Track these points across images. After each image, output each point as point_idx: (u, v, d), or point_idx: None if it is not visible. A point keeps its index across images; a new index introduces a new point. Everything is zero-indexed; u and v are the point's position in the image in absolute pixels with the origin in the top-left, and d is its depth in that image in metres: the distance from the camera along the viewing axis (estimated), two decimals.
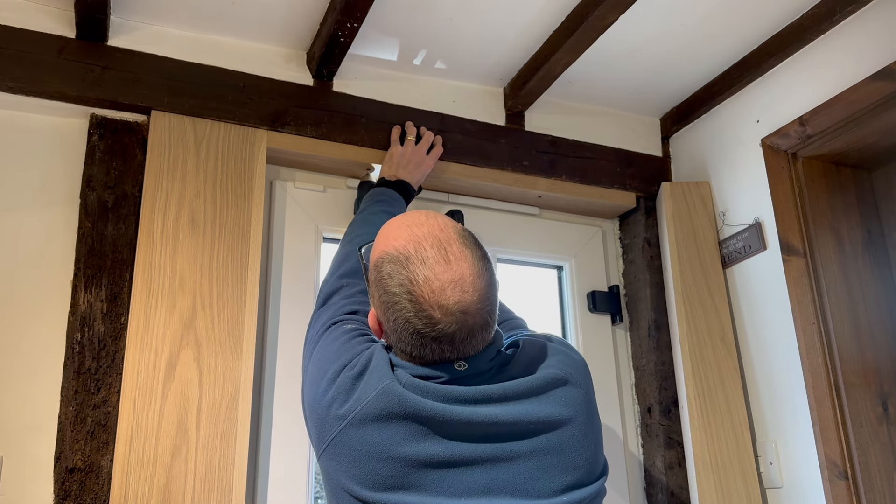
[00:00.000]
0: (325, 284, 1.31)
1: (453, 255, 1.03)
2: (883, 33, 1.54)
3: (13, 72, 1.43)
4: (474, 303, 1.02)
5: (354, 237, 1.40)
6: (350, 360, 1.07)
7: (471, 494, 0.96)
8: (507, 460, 0.99)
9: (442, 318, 1.00)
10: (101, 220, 1.44)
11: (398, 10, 1.60)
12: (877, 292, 1.71)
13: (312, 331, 1.22)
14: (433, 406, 0.99)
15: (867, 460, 1.56)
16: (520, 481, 0.98)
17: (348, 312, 1.21)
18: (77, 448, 1.31)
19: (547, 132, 1.92)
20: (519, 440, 1.00)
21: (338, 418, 1.02)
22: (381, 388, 1.01)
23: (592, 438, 1.05)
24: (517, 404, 1.02)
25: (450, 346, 1.02)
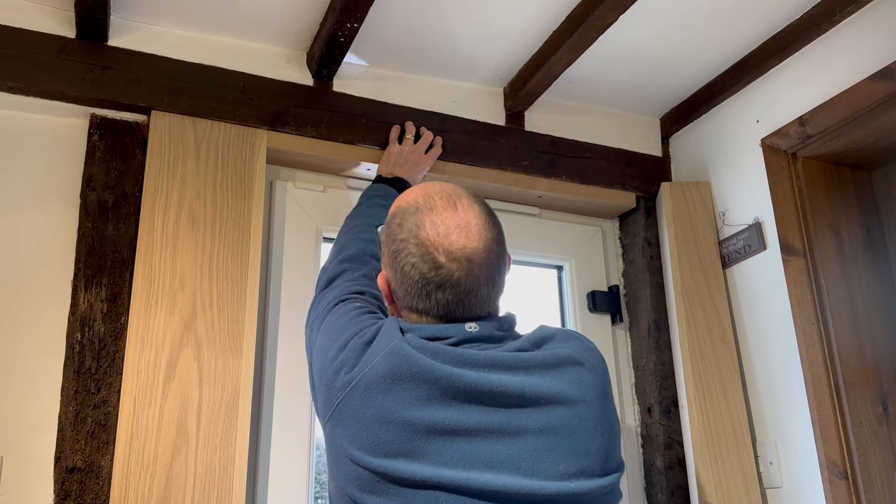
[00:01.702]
0: (325, 271, 1.32)
1: (461, 206, 1.07)
2: (883, 33, 1.54)
3: (13, 72, 1.43)
4: (479, 252, 1.03)
5: (352, 228, 1.43)
6: (361, 329, 1.08)
7: (473, 466, 0.93)
8: (514, 434, 0.96)
9: (446, 262, 1.01)
10: (101, 220, 1.44)
11: (398, 9, 1.60)
12: (877, 292, 1.71)
13: (318, 309, 1.22)
14: (441, 367, 0.97)
15: (867, 460, 1.56)
16: (525, 459, 0.94)
17: (354, 292, 1.22)
18: (77, 448, 1.31)
19: (547, 132, 1.92)
20: (527, 412, 0.97)
21: (345, 384, 1.02)
22: (389, 348, 1.00)
23: (607, 427, 1.00)
24: (527, 376, 0.99)
25: (454, 296, 1.02)
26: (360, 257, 1.32)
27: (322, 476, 1.70)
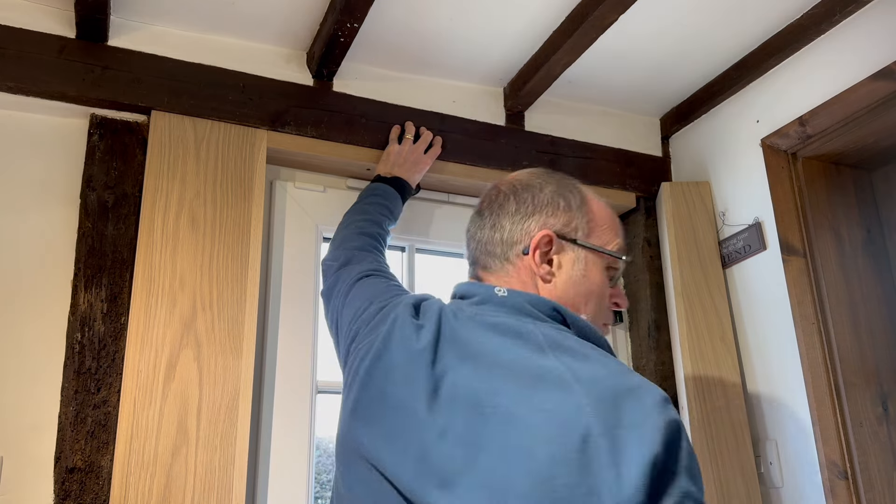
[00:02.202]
0: (334, 260, 1.37)
1: (538, 168, 1.14)
2: (883, 33, 1.54)
3: (13, 72, 1.43)
4: (509, 181, 1.09)
5: (350, 223, 1.47)
6: (393, 295, 1.14)
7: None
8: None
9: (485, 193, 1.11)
10: (101, 220, 1.44)
11: (398, 9, 1.60)
12: (877, 292, 1.71)
13: (339, 287, 1.27)
14: (455, 324, 0.96)
15: (867, 460, 1.56)
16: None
17: (374, 269, 1.28)
18: (77, 448, 1.31)
19: (547, 132, 1.92)
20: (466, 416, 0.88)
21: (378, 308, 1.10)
22: (426, 299, 1.05)
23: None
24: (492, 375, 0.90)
25: (471, 224, 1.09)
26: (364, 248, 1.39)
27: (322, 476, 1.70)
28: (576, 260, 1.03)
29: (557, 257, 1.03)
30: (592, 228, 1.05)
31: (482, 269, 1.08)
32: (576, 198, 1.07)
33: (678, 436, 0.78)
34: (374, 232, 1.46)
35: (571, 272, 1.02)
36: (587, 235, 1.05)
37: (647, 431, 0.76)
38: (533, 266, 1.02)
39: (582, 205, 1.07)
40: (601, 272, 1.04)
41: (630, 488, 0.73)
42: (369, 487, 0.91)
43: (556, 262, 1.02)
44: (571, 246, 1.03)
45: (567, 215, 1.05)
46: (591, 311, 1.03)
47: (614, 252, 1.06)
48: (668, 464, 0.76)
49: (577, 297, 1.02)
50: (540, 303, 0.97)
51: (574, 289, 1.02)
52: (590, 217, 1.06)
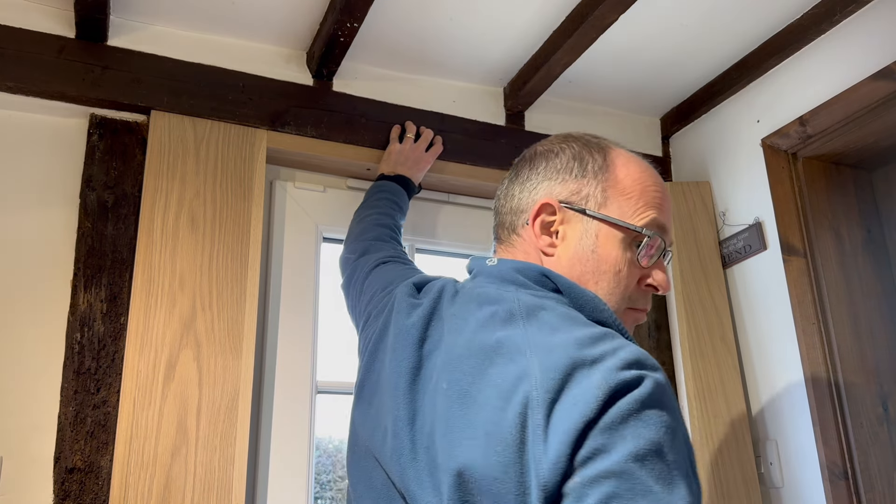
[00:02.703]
0: (351, 252, 1.37)
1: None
2: (883, 33, 1.54)
3: (13, 72, 1.43)
4: (542, 142, 1.02)
5: (363, 217, 1.47)
6: (411, 275, 1.13)
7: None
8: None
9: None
10: (100, 219, 1.44)
11: (398, 9, 1.60)
12: (877, 292, 1.71)
13: (357, 275, 1.26)
14: (450, 301, 0.93)
15: (867, 460, 1.55)
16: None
17: (392, 256, 1.28)
18: (77, 448, 1.31)
19: (547, 132, 1.91)
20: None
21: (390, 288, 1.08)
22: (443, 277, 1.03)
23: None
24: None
25: (501, 184, 1.04)
26: (381, 238, 1.39)
27: (322, 476, 1.69)
28: (584, 232, 0.92)
29: (563, 228, 0.92)
30: (610, 196, 0.93)
31: (496, 240, 1.02)
32: (596, 161, 0.95)
33: (621, 393, 0.67)
34: (389, 223, 1.46)
35: (578, 246, 0.91)
36: (601, 205, 0.92)
37: (584, 403, 0.66)
38: (534, 237, 0.94)
39: (602, 170, 0.94)
40: (621, 247, 0.91)
41: (548, 463, 0.65)
42: (364, 472, 0.90)
43: (562, 233, 0.92)
44: (580, 217, 0.92)
45: (578, 182, 0.94)
46: (605, 290, 0.90)
47: (633, 225, 0.91)
48: (596, 425, 0.66)
49: (585, 273, 0.90)
50: (527, 269, 0.90)
51: (581, 265, 0.91)
52: (610, 184, 0.93)
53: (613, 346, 0.73)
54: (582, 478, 0.64)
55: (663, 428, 0.67)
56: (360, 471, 0.91)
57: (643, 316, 0.97)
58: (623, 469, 0.63)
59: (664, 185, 0.98)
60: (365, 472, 0.89)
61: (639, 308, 0.96)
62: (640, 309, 0.96)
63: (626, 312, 0.94)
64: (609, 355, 0.71)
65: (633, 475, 0.63)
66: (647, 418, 0.66)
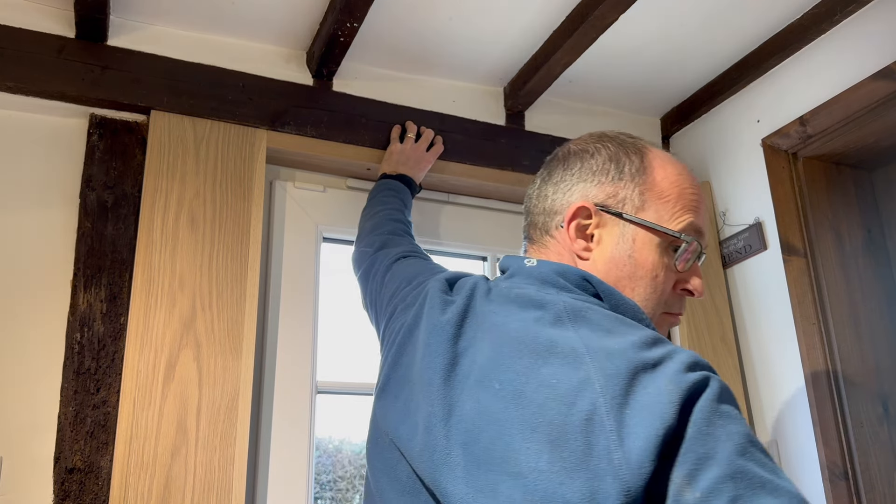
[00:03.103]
0: (368, 246, 1.36)
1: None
2: (883, 33, 1.53)
3: (13, 72, 1.43)
4: (575, 141, 1.02)
5: (375, 213, 1.47)
6: (434, 272, 1.11)
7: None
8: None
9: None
10: (100, 219, 1.44)
11: (398, 9, 1.60)
12: (877, 292, 1.71)
13: (376, 269, 1.25)
14: (484, 299, 0.91)
15: (867, 461, 1.55)
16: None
17: (412, 251, 1.27)
18: (77, 448, 1.31)
19: (547, 132, 1.91)
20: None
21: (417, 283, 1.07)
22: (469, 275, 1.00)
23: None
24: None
25: (532, 183, 1.04)
26: (396, 232, 1.39)
27: (322, 476, 1.69)
28: (621, 236, 0.91)
29: (599, 232, 0.92)
30: (647, 200, 0.92)
31: (528, 241, 1.01)
32: (633, 164, 0.94)
33: (695, 395, 0.68)
34: (402, 219, 1.46)
35: (615, 250, 0.91)
36: (638, 209, 0.91)
37: (659, 407, 0.67)
38: (568, 241, 0.93)
39: (640, 172, 0.93)
40: (658, 252, 0.90)
41: (630, 468, 0.65)
42: (387, 464, 0.89)
43: (597, 237, 0.92)
44: (616, 220, 0.91)
45: (615, 185, 0.93)
46: (641, 295, 0.90)
47: (671, 230, 0.90)
48: (679, 430, 0.66)
49: (622, 279, 0.90)
50: (568, 272, 0.88)
51: (617, 269, 0.90)
52: (647, 187, 0.92)
53: (669, 349, 0.74)
54: (701, 491, 0.64)
55: (740, 419, 0.69)
56: (382, 463, 0.90)
57: (678, 320, 0.97)
58: (735, 469, 0.65)
59: (699, 186, 0.97)
60: (388, 465, 0.88)
61: (674, 312, 0.95)
62: (675, 313, 0.96)
63: (661, 317, 0.94)
64: (668, 358, 0.72)
65: (745, 471, 0.65)
66: (728, 414, 0.68)
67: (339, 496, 1.74)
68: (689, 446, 0.66)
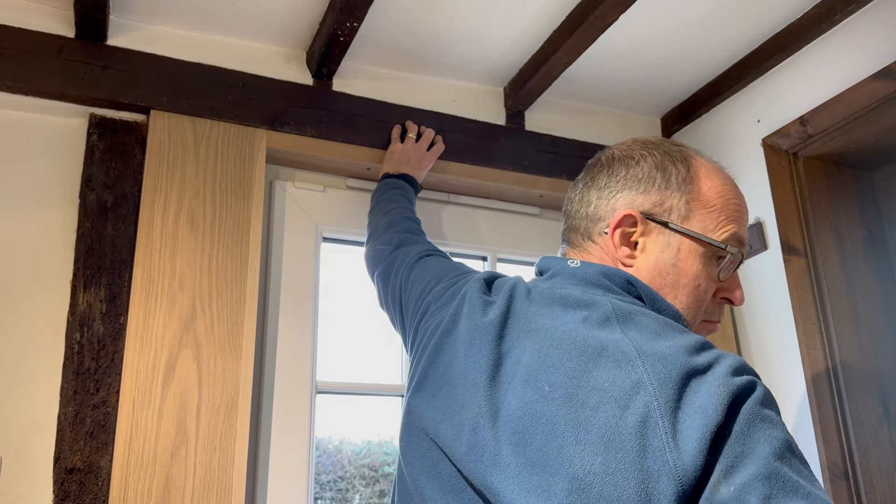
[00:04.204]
0: (386, 244, 1.34)
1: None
2: (884, 33, 1.53)
3: (12, 71, 1.43)
4: (617, 147, 1.02)
5: (387, 211, 1.46)
6: (463, 272, 1.10)
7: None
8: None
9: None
10: (100, 219, 1.44)
11: (398, 9, 1.59)
12: (878, 292, 1.71)
13: (399, 267, 1.23)
14: (526, 300, 0.91)
15: (868, 461, 1.55)
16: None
17: (433, 250, 1.26)
18: (76, 448, 1.31)
19: (547, 132, 1.91)
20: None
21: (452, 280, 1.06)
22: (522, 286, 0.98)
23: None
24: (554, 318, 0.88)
25: (573, 186, 1.04)
26: (412, 230, 1.39)
27: (322, 476, 1.69)
28: (666, 245, 0.92)
29: (643, 240, 0.92)
30: (693, 209, 0.93)
31: (567, 244, 1.01)
32: (679, 173, 0.95)
33: (742, 397, 0.71)
34: (415, 218, 1.46)
35: (659, 258, 0.91)
36: (684, 218, 0.92)
37: (711, 408, 0.70)
38: (612, 247, 0.93)
39: (686, 182, 0.94)
40: (702, 261, 0.92)
41: (685, 469, 0.68)
42: (427, 462, 0.88)
43: (641, 244, 0.92)
44: (662, 229, 0.92)
45: (662, 194, 0.93)
46: (683, 303, 0.91)
47: (716, 241, 0.92)
48: (725, 428, 0.70)
49: (665, 286, 0.91)
50: (614, 274, 0.89)
51: (661, 277, 0.91)
52: (693, 196, 0.93)
53: (717, 354, 0.77)
54: (735, 486, 0.67)
55: (782, 425, 0.72)
56: (421, 460, 0.90)
57: (716, 327, 0.98)
58: (770, 470, 0.67)
59: (742, 196, 0.99)
60: (429, 463, 0.88)
61: (713, 320, 0.97)
62: (715, 321, 0.97)
63: (701, 325, 0.96)
64: (717, 363, 0.75)
65: (780, 474, 0.67)
66: (770, 419, 0.71)
67: (339, 496, 1.74)
68: (731, 444, 0.69)
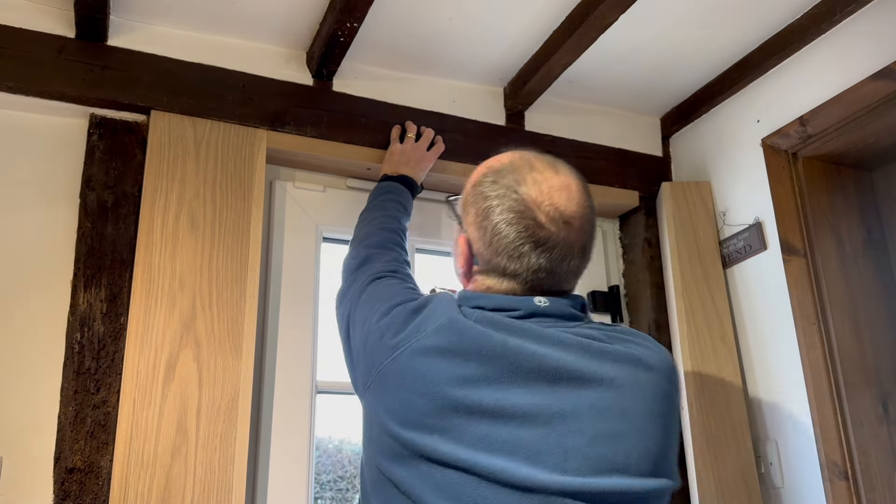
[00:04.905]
0: (354, 258, 1.32)
1: (561, 169, 1.04)
2: (883, 33, 1.53)
3: (13, 72, 1.43)
4: (577, 216, 1.00)
5: (372, 220, 1.43)
6: (405, 300, 1.06)
7: (512, 454, 0.88)
8: (558, 420, 0.90)
9: (546, 222, 0.98)
10: (100, 219, 1.44)
11: (398, 9, 1.60)
12: (877, 292, 1.71)
13: (353, 289, 1.21)
14: (501, 339, 0.93)
15: (867, 460, 1.55)
16: (564, 453, 0.88)
17: (389, 270, 1.22)
18: (77, 448, 1.31)
19: (547, 132, 1.91)
20: (580, 391, 0.91)
21: (390, 347, 0.99)
22: (443, 320, 0.97)
23: (664, 433, 0.94)
24: (590, 360, 0.94)
25: (547, 260, 0.99)
26: (384, 244, 1.33)
27: (322, 476, 1.69)
28: None
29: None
30: None
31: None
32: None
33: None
34: (395, 227, 1.44)
35: None
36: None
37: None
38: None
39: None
40: None
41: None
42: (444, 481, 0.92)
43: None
44: None
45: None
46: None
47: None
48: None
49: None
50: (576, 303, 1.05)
51: None
52: None
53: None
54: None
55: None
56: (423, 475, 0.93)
57: None
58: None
59: None
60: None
61: None
62: None
63: None
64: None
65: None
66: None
67: (339, 496, 1.74)
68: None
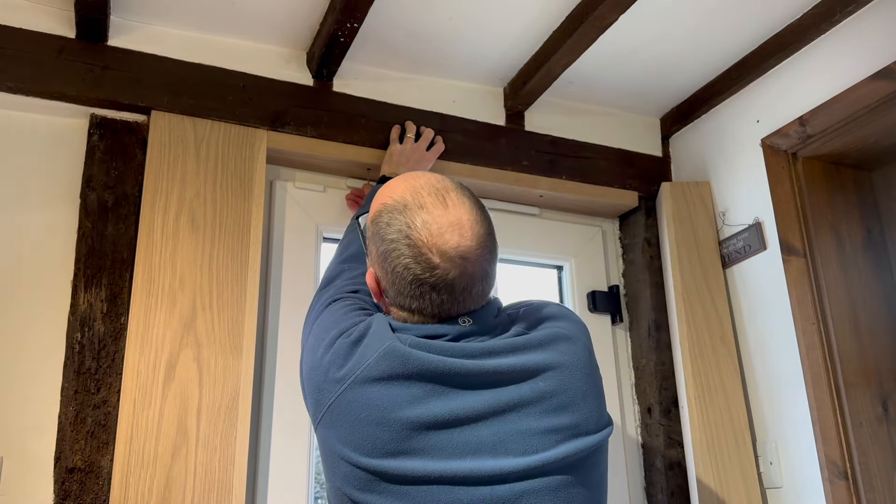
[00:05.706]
0: (328, 271, 1.31)
1: (451, 201, 1.04)
2: (883, 33, 1.54)
3: (13, 72, 1.43)
4: (473, 249, 1.01)
5: (353, 228, 1.41)
6: (348, 328, 1.06)
7: (463, 455, 0.94)
8: (510, 411, 0.97)
9: (441, 262, 0.99)
10: (101, 219, 1.44)
11: (398, 10, 1.60)
12: (877, 292, 1.71)
13: (314, 310, 1.21)
14: (441, 360, 0.97)
15: (867, 460, 1.56)
16: (512, 439, 0.95)
17: (350, 291, 1.21)
18: (77, 448, 1.31)
19: (547, 132, 1.91)
20: (521, 383, 0.99)
21: (336, 381, 1.00)
22: (383, 348, 0.98)
23: (595, 386, 1.05)
24: (521, 355, 1.01)
25: (449, 295, 1.01)
26: (359, 255, 1.31)
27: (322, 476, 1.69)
28: None
29: None
30: None
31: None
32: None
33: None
34: None
35: None
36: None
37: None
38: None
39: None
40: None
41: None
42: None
43: None
44: None
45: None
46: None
47: None
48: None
49: None
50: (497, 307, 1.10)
51: None
52: None
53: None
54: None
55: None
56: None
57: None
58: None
59: None
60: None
61: None
62: None
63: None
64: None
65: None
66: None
67: None
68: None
